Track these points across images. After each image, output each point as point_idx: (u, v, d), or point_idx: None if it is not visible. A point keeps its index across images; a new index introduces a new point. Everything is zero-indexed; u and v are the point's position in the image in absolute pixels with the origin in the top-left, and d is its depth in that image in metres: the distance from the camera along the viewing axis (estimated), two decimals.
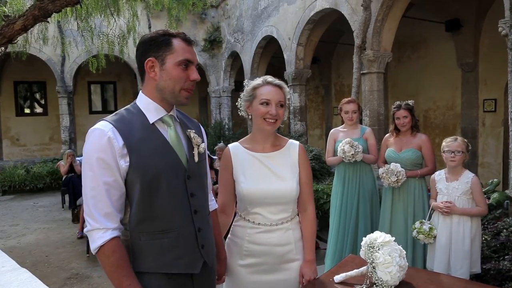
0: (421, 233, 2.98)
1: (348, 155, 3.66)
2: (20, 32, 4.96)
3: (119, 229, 1.40)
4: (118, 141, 1.37)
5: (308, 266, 1.93)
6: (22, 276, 2.31)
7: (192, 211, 1.51)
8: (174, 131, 1.51)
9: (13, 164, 11.03)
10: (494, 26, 4.59)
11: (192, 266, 1.50)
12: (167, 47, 1.44)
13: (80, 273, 4.59)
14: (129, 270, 1.38)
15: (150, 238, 1.43)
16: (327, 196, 5.37)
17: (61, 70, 11.45)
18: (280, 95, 1.87)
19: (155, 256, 1.43)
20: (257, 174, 1.89)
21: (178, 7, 8.10)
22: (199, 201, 1.54)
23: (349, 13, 6.88)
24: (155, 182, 1.41)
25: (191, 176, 1.51)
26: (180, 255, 1.46)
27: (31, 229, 6.65)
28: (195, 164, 1.54)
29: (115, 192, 1.38)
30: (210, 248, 1.59)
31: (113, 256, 1.35)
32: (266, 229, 1.89)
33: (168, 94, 1.47)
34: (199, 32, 12.61)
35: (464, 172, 2.98)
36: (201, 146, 1.56)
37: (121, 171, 1.38)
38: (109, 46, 8.02)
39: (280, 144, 1.97)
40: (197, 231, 1.51)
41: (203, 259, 1.53)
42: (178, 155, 1.49)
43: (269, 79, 1.90)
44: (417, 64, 9.32)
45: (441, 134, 8.47)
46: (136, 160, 1.39)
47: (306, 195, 1.96)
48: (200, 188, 1.57)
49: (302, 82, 8.98)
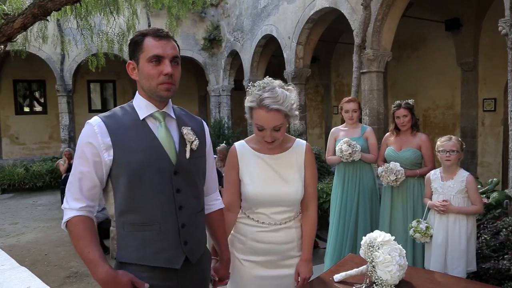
0: (417, 232, 2.99)
1: (345, 154, 3.67)
2: (20, 31, 4.95)
3: (87, 211, 1.48)
4: (102, 136, 1.46)
5: (304, 265, 1.95)
6: (22, 274, 2.31)
7: (177, 207, 1.51)
8: (164, 127, 1.54)
9: (13, 162, 11.03)
10: (494, 25, 4.59)
11: (173, 261, 1.51)
12: (139, 47, 1.50)
13: (80, 271, 4.59)
14: (91, 240, 1.44)
15: (132, 230, 1.49)
16: (326, 195, 5.37)
17: (61, 69, 11.44)
18: (276, 119, 1.73)
19: (137, 247, 1.49)
20: (263, 177, 1.88)
21: (177, 6, 8.07)
22: (186, 197, 1.54)
23: (349, 12, 6.87)
24: (138, 176, 1.46)
25: (178, 172, 1.52)
26: (162, 249, 1.49)
27: (30, 227, 6.65)
28: (186, 161, 1.54)
29: (87, 182, 1.47)
30: (195, 246, 1.58)
31: (74, 230, 1.45)
32: (271, 228, 1.90)
33: (148, 91, 1.53)
34: (199, 30, 12.60)
35: (459, 171, 2.99)
36: (194, 143, 1.55)
37: (103, 164, 1.46)
38: (108, 45, 8.00)
39: (287, 144, 1.95)
40: (181, 227, 1.52)
41: (185, 255, 1.53)
42: (166, 150, 1.51)
43: (265, 100, 1.71)
44: (417, 63, 9.32)
45: (441, 134, 8.42)
46: (120, 154, 1.46)
47: (310, 195, 1.96)
48: (189, 185, 1.56)
49: (301, 81, 8.97)
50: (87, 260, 1.42)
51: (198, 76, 14.06)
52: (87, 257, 1.41)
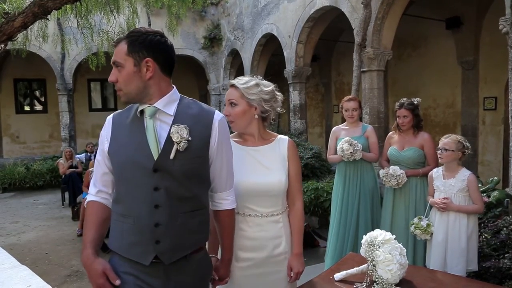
0: (418, 229, 3.00)
1: (346, 153, 3.66)
2: (20, 30, 4.95)
3: (101, 198, 1.62)
4: (108, 129, 1.61)
5: (296, 259, 1.97)
6: (22, 273, 2.31)
7: (153, 205, 1.50)
8: (151, 124, 1.53)
9: (13, 161, 11.04)
10: (494, 24, 4.58)
11: (142, 257, 1.51)
12: None
13: (80, 270, 4.59)
14: (92, 224, 1.59)
15: (116, 219, 1.58)
16: (327, 194, 5.38)
17: (61, 68, 11.44)
18: (231, 94, 1.91)
19: (117, 237, 1.57)
20: (246, 167, 1.91)
21: (178, 5, 8.07)
22: (166, 196, 1.50)
23: (349, 11, 6.86)
24: (121, 169, 1.55)
25: (159, 169, 1.49)
26: (134, 243, 1.52)
27: (31, 226, 6.65)
28: (169, 160, 1.49)
29: (99, 169, 1.63)
30: (172, 247, 1.52)
31: (85, 213, 1.65)
32: (258, 221, 1.91)
33: None
34: (199, 29, 12.59)
35: (461, 169, 2.99)
36: (180, 145, 1.49)
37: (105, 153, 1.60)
38: (109, 44, 7.98)
39: (269, 138, 2.02)
40: (154, 226, 1.50)
41: (155, 254, 1.50)
42: (150, 147, 1.50)
43: (231, 81, 1.97)
44: (417, 62, 9.30)
45: (441, 132, 8.43)
46: (112, 146, 1.57)
47: (295, 189, 2.00)
48: (173, 184, 1.51)
49: (302, 80, 8.96)
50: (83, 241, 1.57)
51: (199, 75, 14.06)
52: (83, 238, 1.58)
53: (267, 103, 1.92)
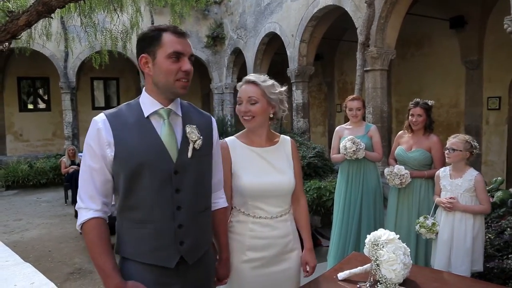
0: (423, 227, 2.99)
1: (349, 151, 3.66)
2: (24, 28, 4.95)
3: (104, 212, 1.50)
4: (106, 132, 1.47)
5: (309, 254, 2.03)
6: (26, 270, 2.32)
7: (175, 207, 1.50)
8: (167, 125, 1.52)
9: (17, 159, 11.07)
10: (499, 23, 4.56)
11: (167, 260, 1.50)
12: (157, 42, 1.48)
13: (83, 268, 4.61)
14: (105, 248, 1.45)
15: (131, 226, 1.50)
16: (329, 193, 5.37)
17: (64, 66, 11.46)
18: (251, 91, 1.86)
19: (134, 244, 1.50)
20: (258, 168, 1.92)
21: (181, 3, 8.05)
22: (186, 197, 1.52)
23: (353, 10, 6.84)
24: (137, 174, 1.46)
25: (179, 171, 1.50)
26: (157, 248, 1.49)
27: (34, 224, 6.68)
28: (188, 160, 1.52)
29: (99, 177, 1.48)
30: (193, 246, 1.55)
31: (91, 234, 1.46)
32: (267, 222, 1.91)
33: (162, 87, 1.51)
34: (202, 28, 12.58)
35: (468, 169, 2.98)
36: (197, 143, 1.52)
37: (107, 159, 1.47)
38: (112, 42, 8.00)
39: (275, 139, 2.03)
40: (177, 227, 1.50)
41: (180, 255, 1.51)
42: (168, 149, 1.49)
43: (248, 77, 1.90)
44: (421, 61, 9.27)
45: (445, 132, 8.42)
46: (120, 151, 1.46)
47: (299, 187, 2.05)
48: (190, 184, 1.53)
49: (305, 79, 8.95)
50: (100, 269, 1.44)
51: (201, 73, 14.06)
52: (100, 265, 1.44)
53: (283, 104, 1.94)
